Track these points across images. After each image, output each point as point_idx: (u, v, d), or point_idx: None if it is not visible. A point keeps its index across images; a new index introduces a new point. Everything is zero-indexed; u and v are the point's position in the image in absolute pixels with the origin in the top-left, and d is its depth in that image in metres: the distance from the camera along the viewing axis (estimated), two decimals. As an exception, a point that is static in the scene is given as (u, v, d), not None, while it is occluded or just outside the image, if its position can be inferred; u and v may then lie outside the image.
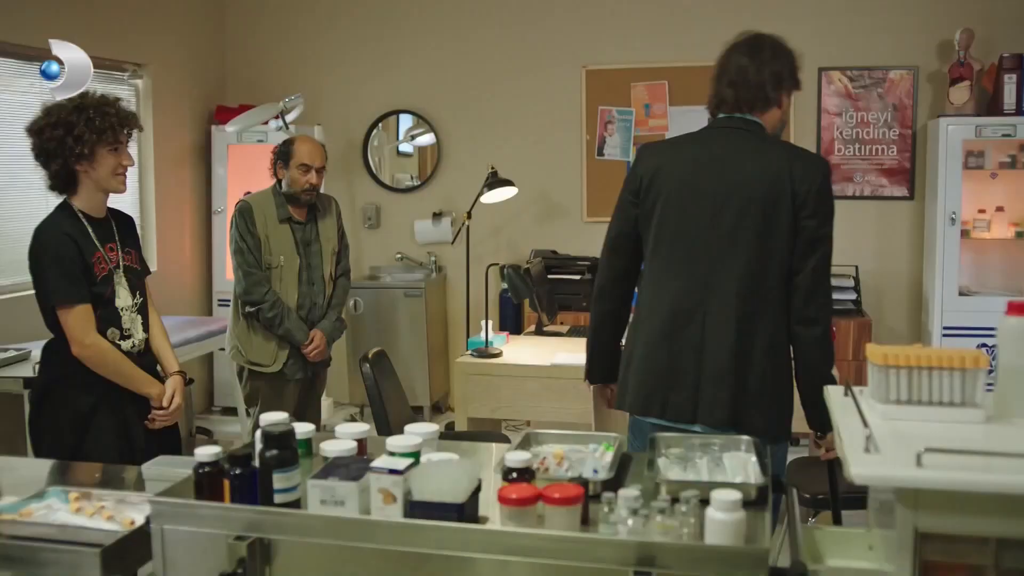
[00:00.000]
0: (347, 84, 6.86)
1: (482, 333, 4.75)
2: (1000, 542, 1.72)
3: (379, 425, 4.06)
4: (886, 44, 6.18)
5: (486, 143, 6.66)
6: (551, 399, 4.46)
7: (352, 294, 6.48)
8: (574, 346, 4.84)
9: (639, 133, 6.47)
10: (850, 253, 6.25)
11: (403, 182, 6.96)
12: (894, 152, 6.22)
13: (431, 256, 6.82)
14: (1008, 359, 2.03)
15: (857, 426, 1.88)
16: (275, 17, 6.92)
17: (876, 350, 2.02)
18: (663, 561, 1.70)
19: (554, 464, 2.17)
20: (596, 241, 6.44)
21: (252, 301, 4.25)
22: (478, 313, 5.27)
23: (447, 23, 6.71)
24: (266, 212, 4.27)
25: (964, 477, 1.68)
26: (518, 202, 6.20)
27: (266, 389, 4.34)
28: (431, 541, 1.84)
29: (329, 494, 1.92)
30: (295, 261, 4.32)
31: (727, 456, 2.20)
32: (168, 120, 6.33)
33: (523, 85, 6.64)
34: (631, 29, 6.47)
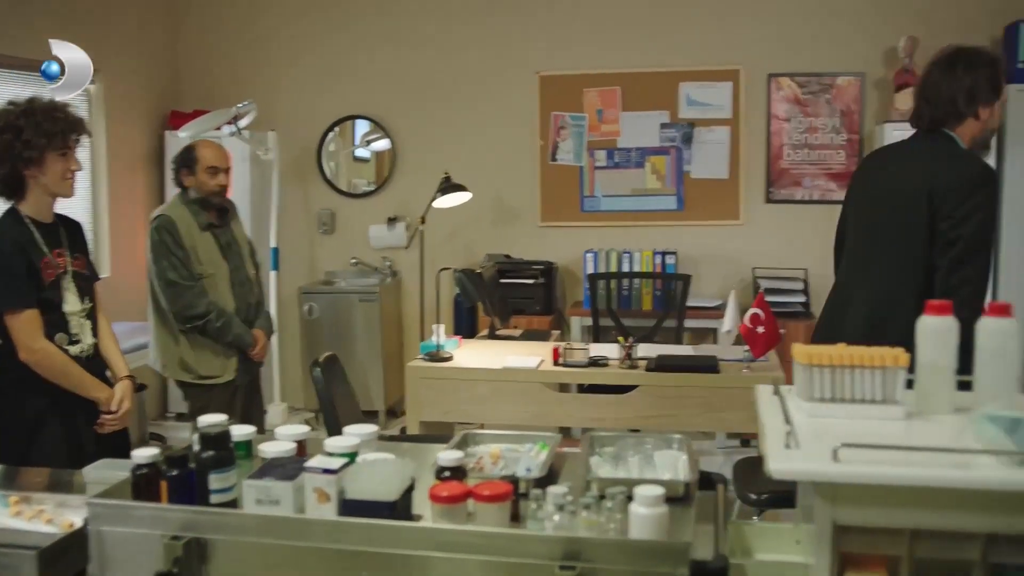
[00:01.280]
0: (302, 89, 6.88)
1: (434, 337, 4.78)
2: (913, 533, 1.78)
3: (330, 429, 4.07)
4: (834, 51, 6.29)
5: (441, 148, 6.69)
6: (502, 401, 4.51)
7: (307, 299, 6.51)
8: (526, 349, 4.89)
9: (592, 138, 6.55)
10: (799, 256, 6.35)
11: (360, 187, 6.98)
12: (842, 157, 6.33)
13: (386, 261, 6.85)
14: (926, 357, 2.09)
15: (779, 423, 1.94)
16: (230, 22, 6.92)
17: (801, 349, 2.08)
18: (588, 555, 1.74)
19: (489, 463, 2.21)
20: (550, 245, 6.58)
21: (196, 315, 4.17)
22: (433, 317, 5.30)
23: (402, 29, 6.74)
24: (187, 223, 4.21)
25: (878, 471, 1.73)
26: (473, 207, 6.24)
27: (216, 401, 4.31)
28: (363, 538, 1.86)
29: (264, 494, 1.95)
30: (223, 267, 4.28)
31: (658, 454, 2.25)
32: (121, 125, 6.31)
33: (478, 91, 6.69)
34: (584, 35, 6.54)
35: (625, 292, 6.25)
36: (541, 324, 6.14)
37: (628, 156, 6.53)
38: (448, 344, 4.85)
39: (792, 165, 6.38)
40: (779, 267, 6.27)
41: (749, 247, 6.45)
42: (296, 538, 1.91)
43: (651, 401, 4.39)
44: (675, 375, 4.40)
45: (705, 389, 4.35)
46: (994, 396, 2.04)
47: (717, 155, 6.44)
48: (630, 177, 6.54)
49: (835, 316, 3.33)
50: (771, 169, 6.42)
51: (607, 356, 4.57)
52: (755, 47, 6.36)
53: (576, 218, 6.63)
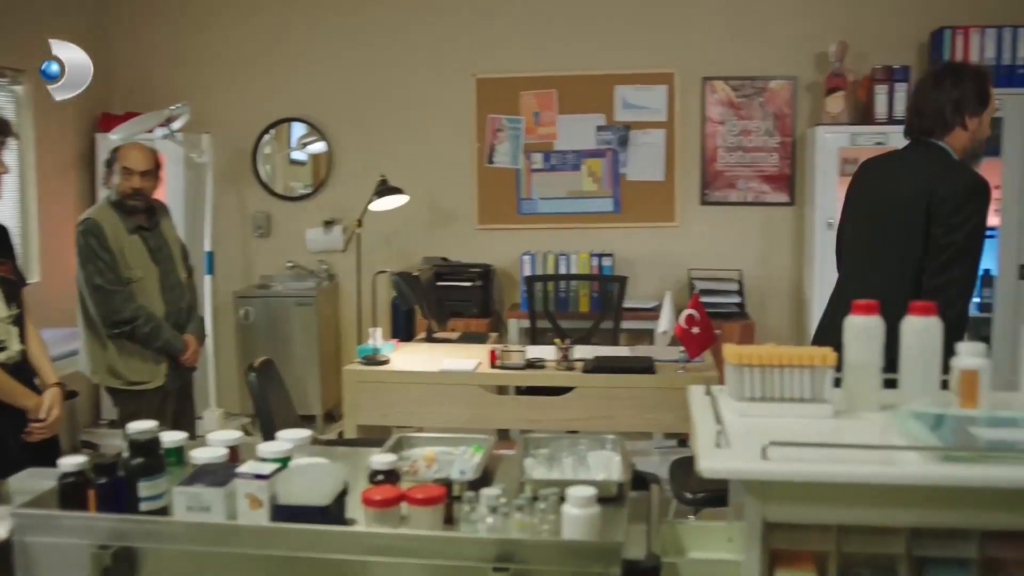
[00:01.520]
0: (237, 92, 6.81)
1: (371, 340, 4.76)
2: (841, 529, 1.81)
3: (266, 434, 4.03)
4: (767, 55, 6.38)
5: (378, 151, 6.67)
6: (439, 404, 4.50)
7: (243, 303, 6.44)
8: (463, 352, 4.89)
9: (528, 141, 6.56)
10: (734, 257, 6.43)
11: (296, 190, 6.93)
12: (775, 159, 6.41)
13: (322, 264, 6.80)
14: (853, 356, 2.13)
15: (710, 422, 1.96)
16: (162, 22, 6.82)
17: (731, 349, 2.10)
18: (521, 557, 1.75)
19: (423, 466, 2.21)
20: (487, 247, 6.58)
21: (124, 320, 4.10)
22: (370, 321, 5.28)
23: (338, 31, 6.70)
24: (114, 226, 4.14)
25: (806, 468, 1.76)
26: (409, 209, 6.22)
27: (147, 407, 4.24)
28: (296, 544, 1.86)
29: (195, 500, 1.93)
30: (153, 270, 4.22)
31: (592, 455, 2.26)
32: (50, 127, 6.19)
33: (414, 93, 6.67)
34: (520, 38, 6.56)
35: (562, 294, 6.28)
36: (478, 327, 6.14)
37: (564, 159, 6.56)
38: (385, 347, 4.83)
39: (726, 167, 6.45)
40: (714, 268, 6.34)
41: (684, 249, 6.51)
42: (227, 545, 1.90)
43: (588, 402, 4.41)
44: (611, 376, 4.43)
45: (641, 390, 4.39)
46: (919, 393, 2.08)
47: (653, 157, 6.49)
48: (567, 179, 6.57)
49: (836, 315, 3.35)
50: (706, 171, 6.48)
51: (544, 358, 4.59)
52: (689, 51, 6.43)
53: (513, 220, 6.64)
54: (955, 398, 2.05)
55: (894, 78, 5.92)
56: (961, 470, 1.74)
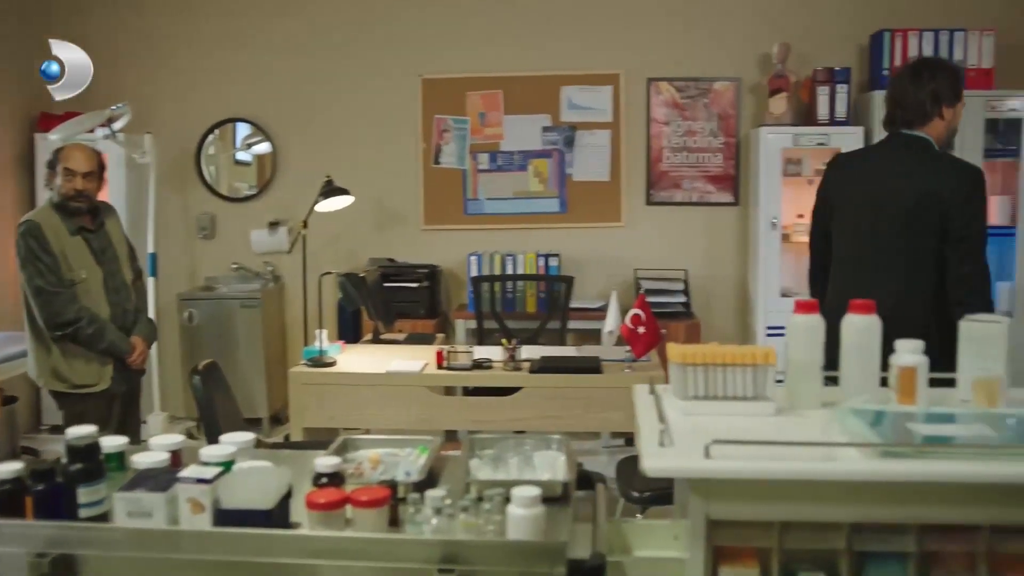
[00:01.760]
0: (180, 92, 6.72)
1: (317, 342, 4.73)
2: (783, 525, 1.84)
3: (211, 438, 3.98)
4: (711, 56, 6.43)
5: (323, 152, 6.62)
6: (386, 406, 4.48)
7: (187, 305, 6.37)
8: (410, 353, 4.87)
9: (474, 141, 6.56)
10: (679, 257, 6.47)
11: (241, 191, 6.86)
12: (720, 160, 6.47)
13: (268, 266, 6.74)
14: (796, 354, 2.16)
15: (654, 421, 1.97)
16: (103, 21, 6.71)
17: (675, 349, 2.12)
18: (466, 558, 1.75)
19: (369, 468, 2.20)
20: (434, 248, 6.57)
21: (66, 322, 4.04)
22: (316, 322, 5.24)
23: (284, 31, 6.65)
24: (56, 227, 4.09)
25: (748, 466, 1.78)
26: (356, 210, 6.19)
27: (92, 410, 4.19)
28: (240, 548, 1.83)
29: (136, 506, 1.90)
30: (97, 272, 4.16)
31: (537, 455, 2.26)
32: (-13, 128, 6.09)
33: (359, 94, 6.64)
34: (466, 39, 6.55)
35: (509, 294, 6.28)
36: (425, 328, 6.12)
37: (511, 159, 6.56)
38: (331, 349, 4.80)
39: (671, 168, 6.50)
40: (660, 268, 6.38)
41: (630, 249, 6.54)
42: (169, 551, 1.87)
43: (535, 402, 4.42)
44: (558, 376, 4.44)
45: (588, 389, 4.41)
46: (859, 390, 2.12)
47: (598, 158, 6.52)
48: (513, 180, 6.58)
49: None
50: (651, 171, 6.52)
51: (491, 359, 4.59)
52: (634, 52, 6.46)
53: (459, 221, 6.63)
54: (894, 395, 2.08)
55: (835, 79, 6.00)
56: (899, 465, 1.78)
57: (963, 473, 1.76)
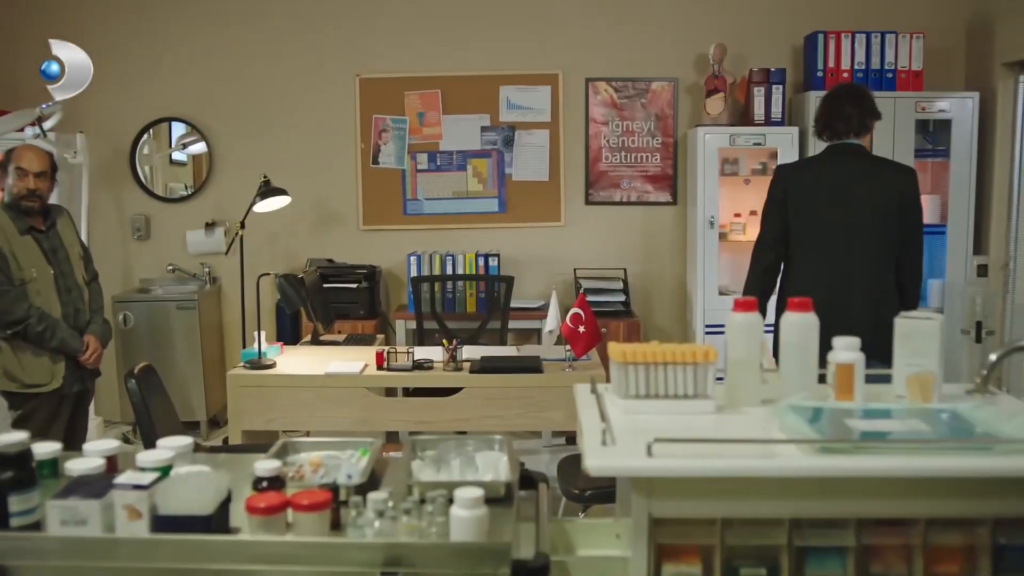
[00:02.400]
0: (112, 90, 6.60)
1: (255, 344, 4.68)
2: (724, 522, 1.85)
3: (147, 442, 3.93)
4: (648, 56, 6.47)
5: (260, 151, 6.56)
6: (326, 408, 4.45)
7: (122, 308, 6.27)
8: (350, 354, 4.84)
9: (413, 141, 6.53)
10: (619, 256, 6.51)
11: (177, 192, 6.77)
12: (658, 159, 6.52)
13: (204, 267, 6.66)
14: (735, 352, 2.17)
15: (596, 420, 1.98)
16: (32, 17, 6.59)
17: (616, 348, 2.13)
18: (409, 560, 1.74)
19: (309, 471, 2.17)
20: (373, 249, 6.54)
21: (16, 320, 4.02)
22: (254, 324, 5.19)
23: (219, 29, 6.57)
24: (5, 227, 4.08)
25: (690, 464, 1.79)
26: (294, 211, 6.14)
27: (42, 409, 4.13)
28: (178, 555, 1.81)
29: (70, 514, 1.86)
30: (48, 271, 4.15)
31: (479, 456, 2.26)
32: (-88, 127, 5.92)
33: (296, 93, 6.58)
34: (403, 38, 6.52)
35: (449, 295, 6.27)
36: (366, 328, 6.09)
37: (450, 159, 6.55)
38: (270, 351, 4.75)
39: (610, 167, 6.53)
40: (599, 268, 6.41)
41: (570, 248, 6.57)
42: (106, 559, 1.84)
43: (476, 402, 4.41)
44: (499, 376, 4.44)
45: (529, 389, 4.41)
46: (797, 388, 2.14)
47: (537, 158, 6.53)
48: (452, 180, 6.57)
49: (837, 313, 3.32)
50: (590, 171, 6.55)
51: (432, 359, 4.57)
52: (573, 52, 6.48)
53: (399, 221, 6.60)
54: (832, 391, 2.11)
55: (771, 80, 6.07)
56: (838, 461, 1.80)
57: (899, 468, 1.78)
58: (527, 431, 5.55)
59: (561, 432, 5.88)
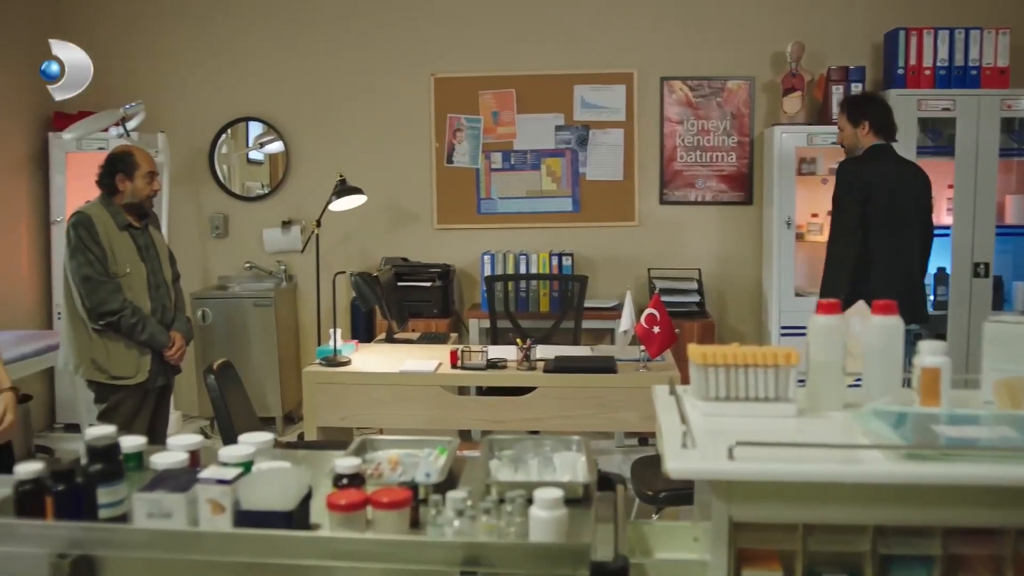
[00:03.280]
0: (193, 91, 6.73)
1: (331, 342, 4.73)
2: (806, 527, 1.82)
3: (225, 437, 3.99)
4: (724, 55, 6.41)
5: (336, 151, 6.63)
6: (400, 406, 4.48)
7: (200, 304, 6.38)
8: (423, 353, 4.87)
9: (487, 140, 6.55)
10: (693, 256, 6.46)
11: (253, 190, 6.87)
12: (733, 159, 6.45)
13: (281, 265, 6.75)
14: (817, 355, 2.14)
15: (676, 423, 1.96)
16: (116, 20, 6.73)
17: (696, 350, 2.11)
18: (488, 560, 1.74)
19: (388, 469, 2.19)
20: (447, 247, 6.57)
21: (110, 311, 4.11)
22: (329, 322, 5.25)
23: (295, 29, 6.65)
24: (105, 222, 4.17)
25: (772, 468, 1.77)
26: (368, 209, 6.19)
27: (128, 402, 4.23)
28: (260, 550, 1.82)
29: (156, 507, 1.90)
30: (141, 267, 4.24)
31: (557, 456, 2.25)
32: (2, 127, 6.09)
33: (372, 93, 6.64)
34: (479, 38, 6.54)
35: (522, 294, 6.27)
36: (439, 327, 6.12)
37: (524, 158, 6.56)
38: (345, 349, 4.80)
39: (685, 167, 6.48)
40: (674, 268, 6.37)
41: (644, 248, 6.53)
42: (189, 552, 1.86)
43: (550, 402, 4.41)
44: (573, 376, 4.43)
45: (603, 389, 4.39)
46: (881, 392, 2.10)
47: (612, 157, 6.51)
48: (526, 179, 6.57)
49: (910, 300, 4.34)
50: (665, 171, 6.51)
51: (505, 358, 4.58)
52: (648, 51, 6.45)
53: (473, 220, 6.63)
54: (917, 396, 2.07)
55: (850, 79, 5.98)
56: (923, 468, 1.76)
57: (987, 476, 1.74)
58: (599, 431, 5.53)
59: (633, 433, 5.85)
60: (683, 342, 5.97)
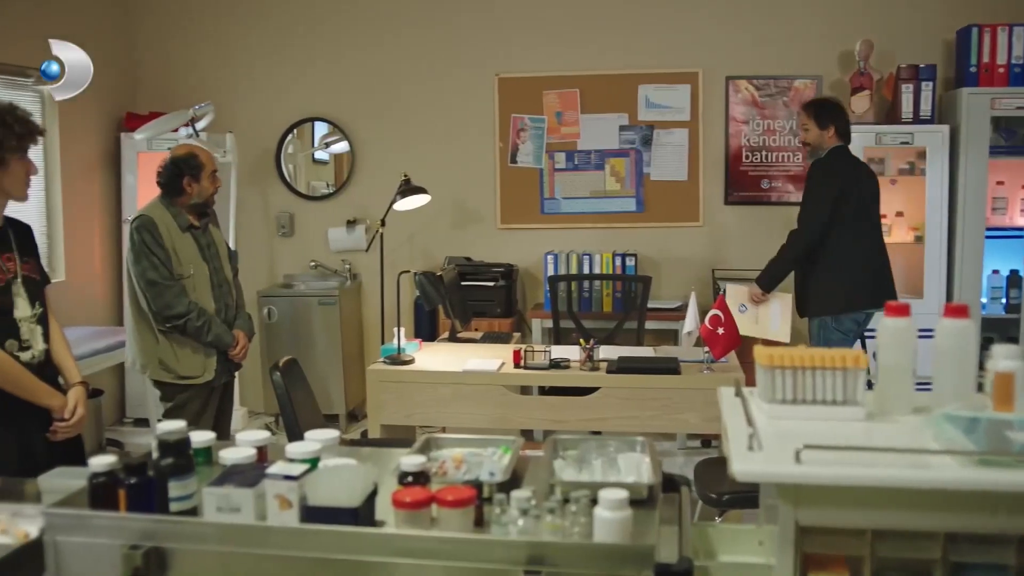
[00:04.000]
0: (260, 91, 6.82)
1: (395, 340, 4.76)
2: (875, 533, 1.80)
3: (290, 433, 4.04)
4: (791, 54, 6.34)
5: (400, 150, 6.67)
6: (463, 404, 4.50)
7: (266, 302, 6.46)
8: (486, 352, 4.89)
9: (551, 140, 6.55)
10: (758, 257, 6.37)
11: (318, 190, 6.94)
12: (799, 159, 6.38)
13: (345, 264, 6.81)
14: (887, 359, 2.11)
15: (742, 425, 1.94)
16: (186, 23, 6.85)
17: (763, 351, 2.09)
18: (552, 560, 1.74)
19: (452, 468, 2.20)
20: (510, 247, 6.57)
21: (177, 315, 4.10)
22: (393, 320, 5.28)
23: (360, 31, 6.71)
24: (167, 224, 4.16)
25: (840, 472, 1.75)
26: (432, 209, 6.23)
27: (194, 401, 4.26)
28: (326, 545, 1.85)
29: (225, 501, 1.93)
30: (204, 268, 4.24)
31: (622, 457, 2.25)
32: (75, 127, 6.22)
33: (436, 93, 6.67)
34: (543, 38, 6.54)
35: (585, 294, 6.26)
36: (502, 327, 6.14)
37: (588, 158, 6.55)
38: (409, 347, 4.83)
39: (750, 167, 6.42)
40: (738, 268, 6.31)
41: (709, 248, 6.48)
42: (257, 546, 1.89)
43: (612, 403, 4.40)
44: (636, 377, 4.41)
45: (666, 390, 4.37)
46: (953, 396, 2.06)
47: (676, 157, 6.47)
48: (590, 179, 6.56)
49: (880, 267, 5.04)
50: (729, 170, 6.46)
51: (568, 358, 4.58)
52: (713, 50, 6.40)
53: (536, 220, 6.63)
54: (990, 401, 2.03)
55: (920, 77, 5.88)
56: (997, 475, 1.72)
57: (1065, 483, 1.70)
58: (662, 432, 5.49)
59: (696, 435, 5.81)
60: (747, 344, 5.89)
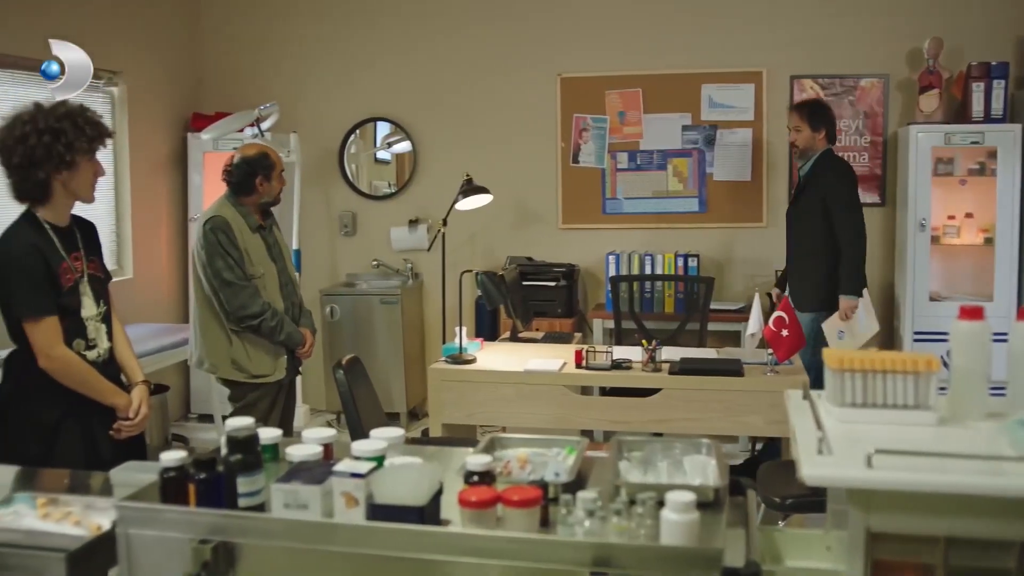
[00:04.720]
0: (323, 91, 6.88)
1: (457, 339, 4.77)
2: (949, 541, 1.76)
3: (353, 431, 4.07)
4: (857, 52, 6.25)
5: (462, 150, 6.69)
6: (524, 404, 4.50)
7: (329, 301, 6.52)
8: (548, 352, 4.88)
9: (613, 140, 6.53)
10: (823, 259, 6.30)
11: (381, 189, 6.99)
12: (866, 159, 6.29)
13: (407, 263, 6.85)
14: (960, 362, 2.07)
15: (811, 428, 1.92)
16: (251, 24, 6.93)
17: (832, 354, 2.06)
18: (618, 561, 1.73)
19: (517, 467, 2.20)
20: (572, 247, 6.57)
21: (252, 315, 4.13)
22: (454, 320, 5.30)
23: (423, 31, 6.74)
24: (239, 224, 4.19)
25: (912, 478, 1.72)
26: (494, 209, 6.23)
27: (264, 399, 4.29)
28: (392, 543, 1.86)
29: (292, 498, 1.95)
30: (272, 267, 4.28)
31: (687, 459, 2.23)
32: (143, 128, 6.33)
33: (498, 93, 6.68)
34: (605, 37, 6.52)
35: (647, 295, 6.23)
36: (563, 327, 6.13)
37: (650, 158, 6.51)
38: (470, 346, 4.84)
39: (815, 167, 6.33)
40: (802, 270, 6.23)
41: (772, 249, 6.40)
42: (324, 543, 1.91)
43: (674, 404, 4.37)
44: (699, 378, 4.38)
45: (729, 392, 4.34)
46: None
47: (739, 157, 6.41)
48: (652, 179, 6.53)
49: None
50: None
51: (630, 359, 4.56)
52: (777, 49, 6.33)
53: (598, 220, 6.61)
54: (1067, 407, 1.98)
55: (991, 75, 5.76)
56: (1076, 483, 1.68)
57: None
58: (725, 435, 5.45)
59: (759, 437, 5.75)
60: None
